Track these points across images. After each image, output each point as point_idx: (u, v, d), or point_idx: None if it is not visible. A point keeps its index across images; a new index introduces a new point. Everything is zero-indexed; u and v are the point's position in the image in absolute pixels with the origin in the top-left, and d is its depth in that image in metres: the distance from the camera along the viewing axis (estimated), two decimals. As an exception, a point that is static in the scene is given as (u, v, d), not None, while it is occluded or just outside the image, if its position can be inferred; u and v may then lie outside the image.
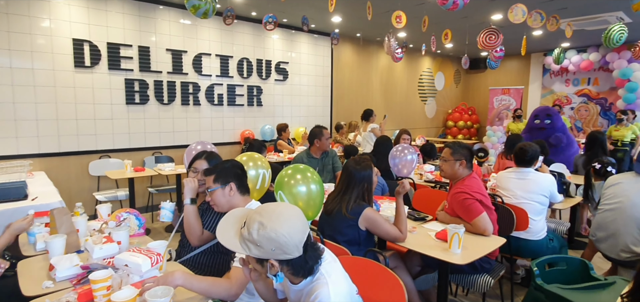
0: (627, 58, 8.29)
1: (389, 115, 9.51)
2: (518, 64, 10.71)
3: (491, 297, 3.10)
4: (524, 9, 4.70)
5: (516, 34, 6.85)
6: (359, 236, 2.16)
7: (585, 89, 9.56)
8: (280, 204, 1.26)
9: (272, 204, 1.26)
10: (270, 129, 6.89)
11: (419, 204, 3.20)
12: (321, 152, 3.84)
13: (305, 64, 7.49)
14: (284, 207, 1.23)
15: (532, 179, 3.01)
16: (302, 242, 1.18)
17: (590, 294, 1.85)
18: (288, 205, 1.26)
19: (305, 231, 1.20)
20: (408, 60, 9.82)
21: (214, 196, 1.85)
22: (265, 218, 1.16)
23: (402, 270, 2.36)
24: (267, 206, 1.24)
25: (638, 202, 2.67)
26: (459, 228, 2.02)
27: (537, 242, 2.93)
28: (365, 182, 2.22)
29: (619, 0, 5.24)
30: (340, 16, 6.45)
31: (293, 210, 1.22)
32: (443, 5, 3.47)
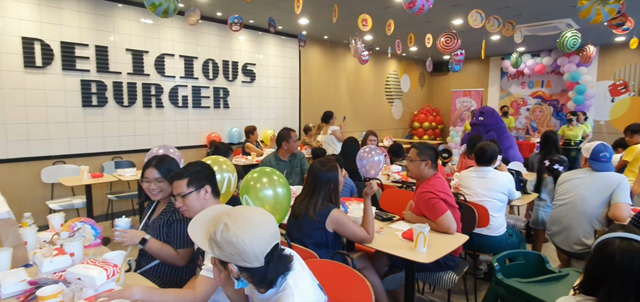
0: (576, 62, 8.86)
1: (357, 117, 9.64)
2: (478, 67, 11.17)
3: (456, 293, 3.19)
4: (482, 14, 4.90)
5: (476, 39, 7.14)
6: (326, 239, 2.15)
7: (539, 91, 10.12)
8: (252, 210, 1.20)
9: (244, 208, 1.21)
10: (238, 131, 6.77)
11: (386, 205, 3.24)
12: (289, 155, 3.81)
13: (273, 65, 7.44)
14: (254, 213, 1.17)
15: (491, 177, 3.13)
16: (265, 253, 1.13)
17: (546, 286, 1.94)
18: (261, 212, 1.19)
19: (270, 243, 1.14)
20: (375, 62, 9.98)
21: (188, 200, 1.75)
22: (231, 220, 1.13)
23: (370, 271, 2.38)
24: (239, 208, 1.20)
25: (589, 197, 2.84)
26: (424, 227, 2.07)
27: (498, 238, 3.05)
28: (331, 183, 2.22)
29: (567, 7, 5.59)
30: (307, 18, 6.45)
31: (263, 218, 1.17)
32: (409, 9, 3.54)
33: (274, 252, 1.15)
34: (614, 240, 1.19)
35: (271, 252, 1.14)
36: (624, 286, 1.14)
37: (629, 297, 1.14)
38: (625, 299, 1.14)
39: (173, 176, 1.80)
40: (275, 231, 1.17)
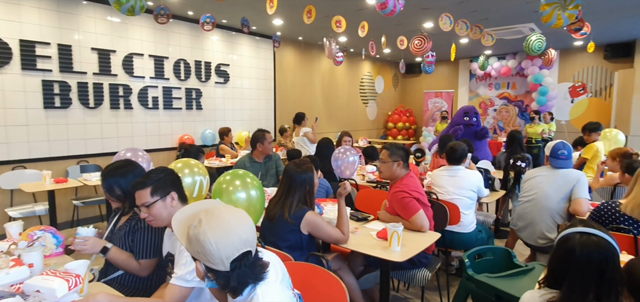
0: (538, 65, 9.28)
1: (332, 117, 9.69)
2: (448, 69, 11.49)
3: (429, 290, 3.26)
4: (451, 18, 5.05)
5: (446, 41, 7.33)
6: (301, 241, 2.14)
7: (506, 92, 10.53)
8: (231, 211, 1.15)
9: (226, 208, 1.17)
10: (212, 133, 6.65)
11: (361, 205, 3.28)
12: (264, 156, 3.78)
13: (247, 66, 7.35)
14: (230, 215, 1.13)
15: (462, 176, 3.23)
16: (231, 258, 1.08)
17: (513, 280, 2.01)
18: (239, 216, 1.14)
19: (239, 249, 1.10)
20: (349, 64, 10.06)
21: (153, 210, 1.65)
22: (206, 218, 1.10)
23: (346, 271, 2.39)
24: (221, 207, 1.16)
25: (551, 193, 2.98)
26: (398, 226, 2.10)
27: (468, 235, 3.14)
28: (306, 185, 2.21)
29: (530, 12, 5.84)
30: (281, 19, 6.43)
31: (238, 222, 1.12)
32: (382, 11, 3.60)
33: (243, 260, 1.11)
34: (574, 235, 1.26)
35: (239, 259, 1.10)
36: (584, 278, 1.20)
37: (590, 289, 1.20)
38: (586, 291, 1.20)
39: (135, 185, 1.70)
40: (249, 237, 1.13)
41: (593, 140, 4.70)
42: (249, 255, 1.12)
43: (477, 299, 2.05)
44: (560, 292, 1.24)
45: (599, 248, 1.20)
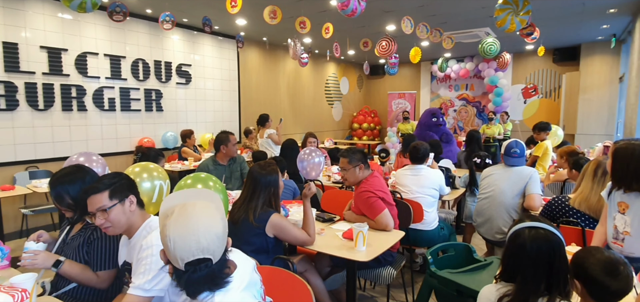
0: (494, 68, 9.76)
1: (297, 118, 9.67)
2: (411, 71, 11.82)
3: (395, 287, 3.33)
4: (412, 21, 5.20)
5: (409, 44, 7.53)
6: (267, 244, 2.11)
7: (464, 93, 10.99)
8: (205, 213, 1.10)
9: (201, 208, 1.11)
10: (173, 136, 6.43)
11: (327, 205, 3.29)
12: (228, 159, 3.70)
13: (210, 67, 7.18)
14: (200, 217, 1.08)
15: (424, 174, 3.32)
16: (185, 261, 1.05)
17: (473, 275, 2.09)
18: (209, 221, 1.09)
19: (195, 255, 1.05)
20: (314, 65, 10.09)
21: (111, 215, 1.56)
22: (178, 211, 1.08)
23: (312, 273, 2.39)
24: (197, 205, 1.11)
25: (506, 189, 3.14)
26: (363, 226, 2.13)
27: (431, 232, 3.24)
28: (271, 187, 2.18)
29: (486, 17, 6.13)
30: (245, 19, 6.34)
31: (205, 227, 1.07)
32: (343, 11, 3.64)
33: (200, 265, 1.07)
34: (523, 230, 1.32)
35: (195, 264, 1.06)
36: (536, 270, 1.27)
37: (541, 279, 1.27)
38: (539, 282, 1.27)
39: (89, 190, 1.59)
40: (210, 246, 1.07)
41: (542, 139, 5.00)
42: (207, 262, 1.07)
43: (440, 295, 2.11)
44: (514, 286, 1.30)
45: (547, 241, 1.28)
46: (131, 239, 1.65)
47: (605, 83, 8.61)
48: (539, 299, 1.25)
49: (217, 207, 1.16)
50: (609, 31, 7.66)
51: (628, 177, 1.91)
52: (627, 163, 1.89)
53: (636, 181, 1.88)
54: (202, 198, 1.19)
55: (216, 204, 1.18)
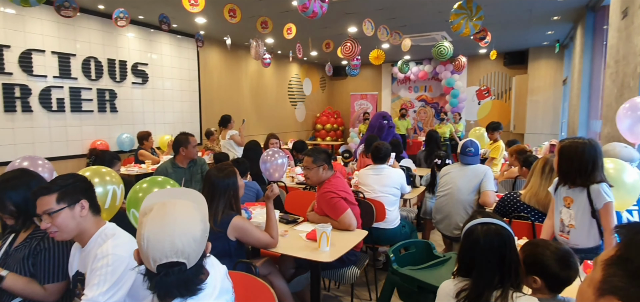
0: (450, 70, 10.18)
1: (261, 119, 9.57)
2: (372, 72, 12.06)
3: (359, 286, 3.37)
4: (373, 23, 5.30)
5: (370, 46, 7.68)
6: (229, 247, 2.06)
7: (423, 95, 11.38)
8: (185, 214, 1.05)
9: (181, 208, 1.06)
10: (129, 138, 6.14)
11: (291, 207, 3.27)
12: (188, 161, 3.58)
13: (168, 66, 6.93)
14: (177, 218, 1.03)
15: (386, 174, 3.40)
16: (158, 263, 1.01)
17: (433, 271, 2.16)
18: (187, 224, 1.04)
19: (168, 257, 1.01)
20: (277, 66, 10.03)
21: (58, 219, 1.44)
22: (156, 210, 1.04)
23: (276, 275, 2.37)
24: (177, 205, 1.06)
25: (463, 187, 3.27)
26: (327, 227, 2.13)
27: (393, 230, 3.31)
28: (230, 189, 2.13)
29: (443, 21, 6.37)
30: (205, 17, 6.18)
31: (182, 229, 1.02)
32: (303, 12, 3.64)
33: (172, 269, 1.02)
34: (476, 226, 1.39)
35: (168, 266, 1.01)
36: (489, 263, 1.33)
37: (495, 272, 1.33)
38: (492, 274, 1.33)
39: (38, 191, 1.49)
40: (185, 249, 1.02)
41: (495, 138, 5.28)
42: (180, 266, 1.02)
43: (402, 291, 2.16)
44: (470, 280, 1.36)
45: (498, 235, 1.34)
46: (84, 247, 1.55)
47: (550, 85, 9.24)
48: (493, 292, 1.30)
49: (200, 209, 1.12)
50: (554, 37, 8.24)
51: (572, 174, 2.04)
52: (571, 160, 2.03)
53: (580, 176, 2.01)
54: (186, 198, 1.14)
55: (200, 206, 1.13)
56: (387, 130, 5.70)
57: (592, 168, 1.98)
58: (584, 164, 1.98)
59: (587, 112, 6.04)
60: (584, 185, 2.00)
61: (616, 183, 2.13)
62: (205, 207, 1.16)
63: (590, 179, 1.98)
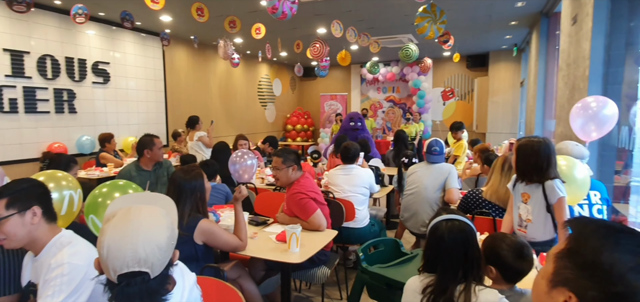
0: (417, 72, 10.46)
1: (230, 120, 9.42)
2: (342, 73, 12.18)
3: (330, 285, 3.39)
4: (341, 25, 5.37)
5: (339, 47, 7.75)
6: (196, 252, 2.02)
7: (391, 95, 11.63)
8: (151, 220, 1.00)
9: (147, 214, 1.01)
10: (90, 140, 5.87)
11: (261, 208, 3.25)
12: (153, 164, 3.47)
13: (132, 65, 6.68)
14: (142, 225, 0.98)
15: (355, 173, 3.44)
16: (118, 272, 0.95)
17: (401, 268, 2.22)
18: (153, 231, 0.99)
19: (130, 266, 0.95)
20: (246, 66, 9.91)
21: (6, 226, 1.36)
22: (119, 216, 0.99)
23: (246, 279, 2.34)
24: (143, 211, 1.01)
25: (429, 185, 3.37)
26: (296, 228, 2.14)
27: (362, 229, 3.36)
28: (197, 192, 2.08)
29: (409, 25, 6.54)
30: (170, 15, 6.01)
31: (146, 236, 0.97)
32: (273, 14, 3.63)
33: (135, 278, 0.97)
34: (441, 223, 1.44)
35: (129, 276, 0.96)
36: (453, 259, 1.38)
37: (459, 267, 1.38)
38: (456, 269, 1.38)
39: None
40: (149, 257, 0.97)
41: (459, 137, 5.48)
42: (143, 276, 0.97)
43: (371, 289, 2.20)
44: (436, 275, 1.41)
45: (461, 231, 1.40)
46: (37, 256, 1.46)
47: (509, 87, 9.71)
48: (457, 286, 1.36)
49: (168, 216, 1.07)
50: (512, 41, 8.66)
51: (529, 171, 2.16)
52: (528, 158, 2.14)
53: (535, 173, 2.13)
54: (153, 203, 1.09)
55: (169, 212, 1.08)
56: (352, 132, 5.75)
57: (547, 165, 2.10)
58: (539, 161, 2.10)
59: (542, 113, 6.39)
60: (540, 181, 2.11)
61: (568, 179, 2.26)
62: (174, 213, 1.12)
63: (545, 175, 2.09)
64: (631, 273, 0.62)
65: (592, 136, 2.87)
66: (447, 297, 1.34)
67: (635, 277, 0.62)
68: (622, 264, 0.63)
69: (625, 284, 0.62)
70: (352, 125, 6.03)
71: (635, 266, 0.62)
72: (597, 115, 2.79)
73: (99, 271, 1.01)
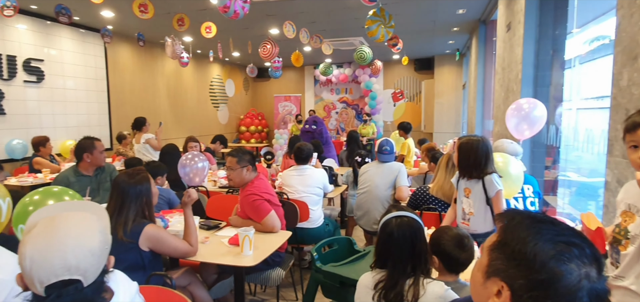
0: (368, 74, 10.75)
1: (180, 122, 9.07)
2: (296, 74, 12.20)
3: (285, 287, 3.38)
4: (294, 26, 5.38)
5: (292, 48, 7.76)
6: (142, 259, 1.91)
7: (345, 97, 11.85)
8: (78, 225, 0.93)
9: (73, 220, 0.94)
10: (22, 144, 5.37)
11: (212, 212, 3.16)
12: (94, 168, 3.25)
13: (70, 63, 6.21)
14: (72, 226, 0.92)
15: (309, 174, 3.47)
16: (45, 284, 0.87)
17: (354, 265, 2.27)
18: (83, 235, 0.92)
19: (59, 275, 0.88)
20: (197, 66, 9.60)
21: None
22: (41, 226, 0.91)
23: (197, 285, 2.26)
24: (68, 217, 0.94)
25: (379, 184, 3.48)
26: (249, 230, 2.11)
27: (317, 229, 3.39)
28: (143, 196, 1.98)
29: (360, 28, 6.70)
30: (112, 11, 5.67)
31: (76, 242, 0.90)
32: (224, 13, 3.55)
33: (66, 289, 0.89)
34: (391, 220, 1.50)
35: (58, 287, 0.89)
36: (402, 254, 1.45)
37: (408, 261, 1.45)
38: (406, 264, 1.44)
39: None
40: (80, 264, 0.90)
41: (405, 136, 5.73)
42: (75, 284, 0.90)
43: (326, 288, 2.23)
44: (387, 270, 1.46)
45: (410, 227, 1.47)
46: None
47: (452, 89, 10.29)
48: (406, 280, 1.42)
49: (100, 220, 1.00)
50: (454, 46, 9.20)
51: (469, 167, 2.31)
52: (468, 155, 2.30)
53: (475, 169, 2.29)
54: (82, 210, 1.02)
55: (100, 218, 1.01)
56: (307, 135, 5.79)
57: (485, 162, 2.26)
58: (478, 158, 2.26)
59: (482, 113, 6.84)
60: (479, 177, 2.27)
61: (504, 174, 2.45)
62: (106, 218, 1.05)
63: (483, 171, 2.26)
64: (552, 261, 0.65)
65: (525, 135, 3.12)
66: (397, 291, 1.39)
67: (555, 265, 0.65)
68: (544, 253, 0.66)
69: (548, 272, 0.65)
70: (306, 128, 6.07)
71: (556, 254, 0.66)
72: (529, 115, 3.04)
73: (23, 287, 0.91)
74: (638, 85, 1.62)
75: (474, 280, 0.79)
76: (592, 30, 3.27)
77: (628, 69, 1.72)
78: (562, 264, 0.65)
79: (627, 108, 1.47)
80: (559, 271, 0.65)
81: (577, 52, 3.45)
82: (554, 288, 0.65)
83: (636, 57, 1.64)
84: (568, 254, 0.66)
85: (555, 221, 0.73)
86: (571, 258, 0.66)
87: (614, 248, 1.37)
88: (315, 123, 6.07)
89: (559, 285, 0.65)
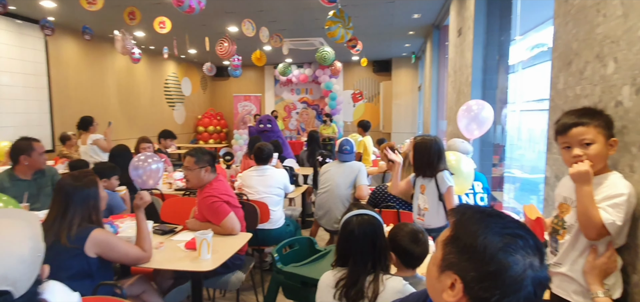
0: (328, 74, 10.84)
1: (133, 122, 8.62)
2: (255, 74, 12.03)
3: (245, 290, 3.32)
4: (253, 24, 5.30)
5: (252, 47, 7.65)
6: (89, 266, 1.77)
7: (305, 97, 11.87)
8: (5, 229, 0.87)
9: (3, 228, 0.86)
10: (-55, 146, 4.84)
11: (168, 216, 3.03)
12: (33, 172, 3.00)
13: (4, 57, 5.70)
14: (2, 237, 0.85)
15: (269, 174, 3.43)
16: None
17: (315, 265, 2.27)
18: (14, 237, 0.87)
19: None
20: (150, 63, 9.18)
21: None
22: None
23: (151, 293, 2.15)
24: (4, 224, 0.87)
25: (340, 183, 3.52)
26: (207, 234, 2.04)
27: (278, 230, 3.36)
28: (90, 200, 1.85)
29: (320, 28, 6.74)
30: (54, 1, 5.27)
31: (4, 249, 0.84)
32: (178, 7, 3.43)
33: None
34: (351, 218, 1.52)
35: None
36: (363, 251, 1.47)
37: (368, 259, 1.47)
38: (366, 261, 1.46)
39: None
40: (8, 274, 0.84)
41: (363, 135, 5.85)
42: (4, 296, 0.84)
43: (287, 289, 2.22)
44: (348, 268, 1.48)
45: (370, 224, 1.49)
46: None
47: (409, 91, 10.65)
48: (367, 277, 1.44)
49: (30, 226, 0.92)
50: (410, 49, 9.52)
51: (423, 165, 2.43)
52: (422, 154, 2.42)
53: (428, 167, 2.41)
54: (8, 217, 0.93)
55: (31, 223, 0.93)
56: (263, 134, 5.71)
57: (438, 160, 2.39)
58: (431, 157, 2.39)
59: (436, 114, 7.14)
60: (432, 174, 2.39)
61: (456, 171, 2.57)
62: (37, 225, 0.97)
63: (436, 168, 2.38)
64: (500, 253, 0.69)
65: (474, 134, 3.29)
66: (358, 289, 1.41)
67: (503, 256, 0.69)
68: (493, 245, 0.70)
69: (496, 263, 0.69)
70: (261, 128, 5.98)
71: (503, 246, 0.69)
72: (478, 116, 3.21)
73: None
74: (572, 88, 1.76)
75: (430, 274, 0.82)
76: (532, 38, 3.51)
77: (564, 74, 1.86)
78: (509, 256, 0.69)
79: (563, 109, 1.60)
80: (507, 262, 0.69)
81: (520, 58, 3.69)
82: (502, 278, 0.69)
83: (570, 63, 1.78)
84: (514, 246, 0.70)
85: (502, 214, 0.77)
86: (516, 249, 0.70)
87: (553, 238, 1.47)
88: (270, 122, 6.01)
89: (506, 275, 0.68)
